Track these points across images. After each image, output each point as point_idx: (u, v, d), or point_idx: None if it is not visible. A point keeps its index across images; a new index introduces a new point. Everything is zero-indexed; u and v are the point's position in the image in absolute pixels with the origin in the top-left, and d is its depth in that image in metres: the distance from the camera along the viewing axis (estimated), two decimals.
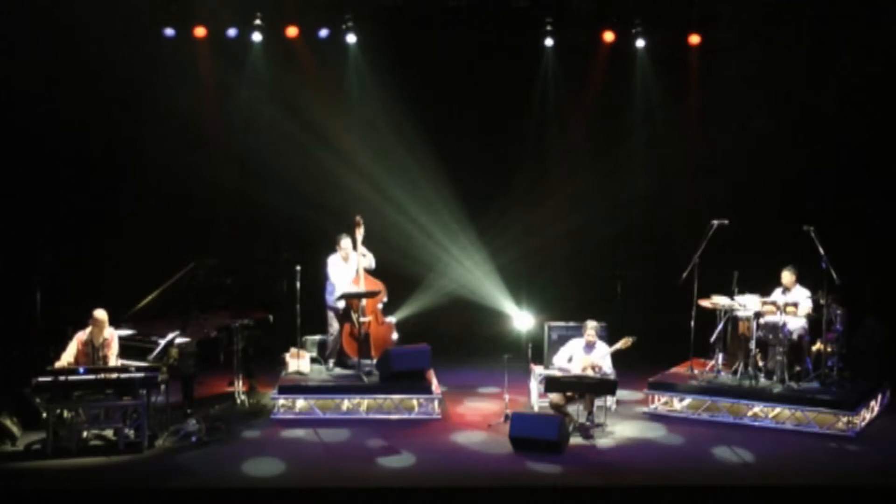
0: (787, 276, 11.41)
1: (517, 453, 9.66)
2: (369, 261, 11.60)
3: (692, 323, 11.28)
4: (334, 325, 11.65)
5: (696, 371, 11.45)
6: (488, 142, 14.78)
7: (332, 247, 11.68)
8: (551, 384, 10.37)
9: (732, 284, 11.23)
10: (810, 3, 13.67)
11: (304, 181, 13.85)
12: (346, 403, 10.97)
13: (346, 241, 11.53)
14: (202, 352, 10.63)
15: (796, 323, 11.19)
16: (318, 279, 11.70)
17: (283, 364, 11.48)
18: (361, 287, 11.43)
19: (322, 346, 11.86)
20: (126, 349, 10.23)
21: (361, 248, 11.53)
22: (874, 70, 13.74)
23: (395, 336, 11.75)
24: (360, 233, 11.50)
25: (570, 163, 14.95)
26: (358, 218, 11.52)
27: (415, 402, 11.00)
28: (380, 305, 11.67)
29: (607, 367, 10.69)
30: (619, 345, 10.66)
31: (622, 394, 11.13)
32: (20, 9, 12.72)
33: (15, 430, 9.81)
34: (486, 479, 9.08)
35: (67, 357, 9.88)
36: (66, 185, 13.65)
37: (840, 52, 13.55)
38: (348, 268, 11.60)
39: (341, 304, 11.53)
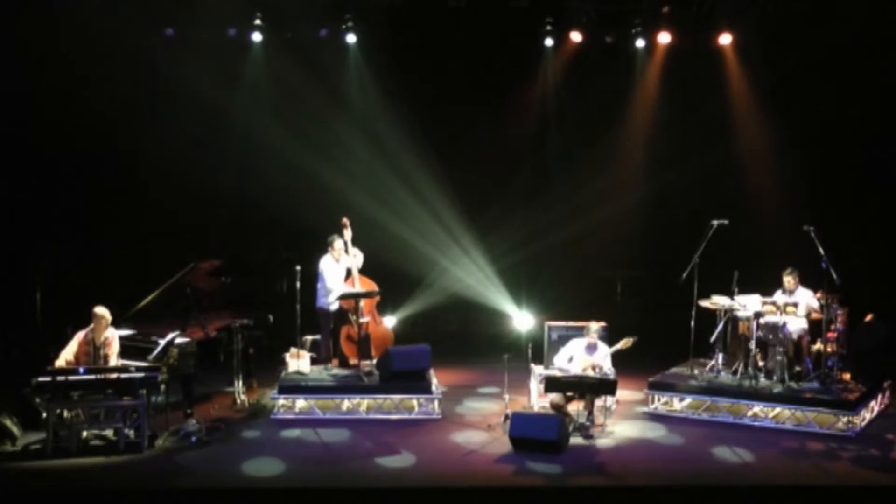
0: (788, 279, 11.40)
1: (517, 453, 9.66)
2: (359, 260, 11.59)
3: (692, 323, 11.28)
4: (326, 328, 11.64)
5: (696, 371, 11.45)
6: (488, 142, 14.78)
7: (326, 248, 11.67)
8: (551, 384, 10.37)
9: (732, 284, 11.23)
10: (809, 3, 13.68)
11: (303, 181, 13.85)
12: (346, 403, 10.97)
13: (339, 243, 11.52)
14: (202, 352, 10.62)
15: (796, 323, 11.19)
16: (314, 280, 11.67)
17: (283, 364, 11.48)
18: (357, 287, 11.42)
19: (316, 347, 11.85)
20: (126, 349, 10.23)
21: (353, 249, 11.54)
22: (875, 70, 13.76)
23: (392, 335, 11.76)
24: (347, 234, 11.50)
25: (569, 162, 14.96)
26: (345, 219, 11.51)
27: (415, 402, 11.00)
28: (375, 305, 11.67)
29: (607, 367, 10.70)
30: (620, 345, 10.66)
31: (622, 394, 11.11)
32: (19, 8, 12.71)
33: (15, 430, 9.81)
34: (486, 479, 9.08)
35: (66, 355, 9.88)
36: (66, 186, 13.64)
37: (839, 49, 13.54)
38: (339, 268, 11.59)
39: (335, 306, 11.51)
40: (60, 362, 9.80)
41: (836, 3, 13.53)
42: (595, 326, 10.81)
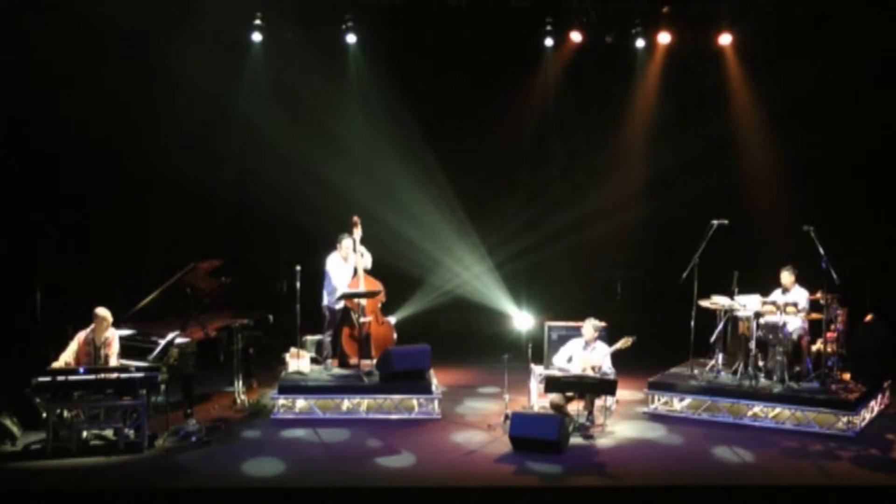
0: (786, 277, 11.41)
1: (517, 453, 9.66)
2: (367, 260, 11.60)
3: (692, 323, 11.27)
4: (331, 327, 11.65)
5: (696, 371, 11.45)
6: (488, 141, 14.78)
7: (331, 247, 11.67)
8: (551, 384, 10.37)
9: (732, 284, 11.23)
10: (810, 3, 13.69)
11: (303, 181, 13.85)
12: (346, 403, 10.97)
13: (347, 241, 11.53)
14: (202, 352, 10.61)
15: (796, 323, 11.19)
16: (317, 279, 11.69)
17: (283, 364, 11.48)
18: (361, 287, 11.43)
19: (319, 346, 11.85)
20: (126, 349, 10.22)
21: (360, 248, 11.54)
22: (874, 69, 13.78)
23: (394, 336, 11.77)
24: (357, 233, 11.51)
25: (570, 162, 14.96)
26: (355, 218, 11.52)
27: (415, 402, 11.00)
28: (379, 305, 11.68)
29: (607, 366, 10.70)
30: (619, 345, 10.66)
31: (622, 394, 11.12)
32: (21, 10, 12.72)
33: (15, 430, 9.81)
34: (486, 479, 9.07)
35: (66, 356, 9.88)
36: (67, 186, 13.65)
37: (840, 49, 13.56)
38: (347, 267, 11.60)
39: (340, 305, 11.53)
40: (60, 365, 9.79)
41: (837, 2, 13.55)
42: (593, 322, 10.81)
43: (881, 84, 13.88)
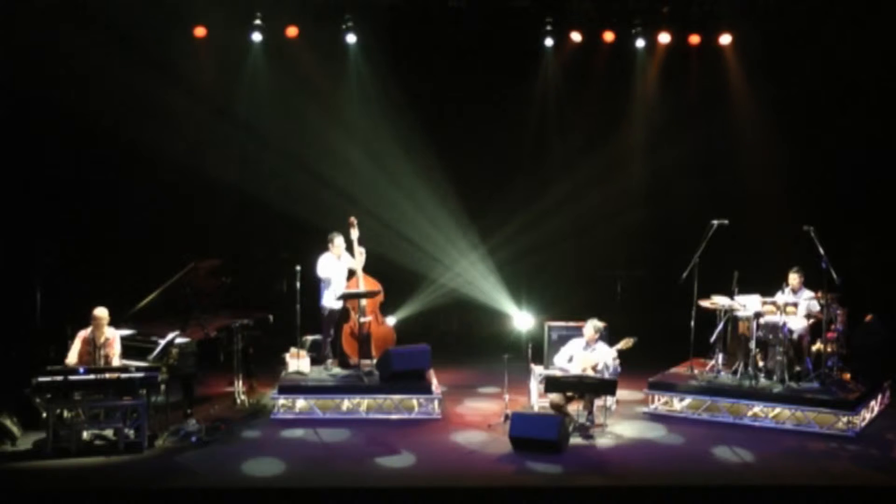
0: (794, 278, 11.42)
1: (517, 453, 9.66)
2: (362, 259, 11.56)
3: (692, 323, 11.27)
4: (328, 327, 11.64)
5: (696, 371, 11.45)
6: (488, 141, 14.78)
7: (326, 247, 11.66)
8: (551, 384, 10.36)
9: (732, 284, 11.23)
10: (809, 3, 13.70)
11: (303, 181, 13.85)
12: (346, 403, 10.97)
13: (338, 240, 11.49)
14: (202, 352, 10.61)
15: (796, 323, 11.19)
16: (317, 279, 11.67)
17: (283, 364, 11.48)
18: (361, 287, 11.42)
19: (318, 346, 11.83)
20: (126, 349, 10.22)
21: (358, 248, 11.52)
22: (874, 68, 13.78)
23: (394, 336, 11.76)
24: (354, 233, 11.48)
25: (569, 162, 14.95)
26: (352, 218, 11.51)
27: (415, 402, 11.00)
28: (378, 305, 11.67)
29: (614, 365, 10.62)
30: (620, 345, 10.64)
31: (622, 394, 11.11)
32: (22, 8, 12.72)
33: (15, 430, 9.81)
34: (486, 479, 9.08)
35: (72, 356, 9.89)
36: (67, 185, 13.65)
37: (839, 50, 13.56)
38: (341, 266, 11.57)
39: (338, 305, 11.52)
40: (69, 361, 9.80)
41: (836, 1, 13.55)
42: (594, 323, 10.80)
43: (881, 83, 13.87)
